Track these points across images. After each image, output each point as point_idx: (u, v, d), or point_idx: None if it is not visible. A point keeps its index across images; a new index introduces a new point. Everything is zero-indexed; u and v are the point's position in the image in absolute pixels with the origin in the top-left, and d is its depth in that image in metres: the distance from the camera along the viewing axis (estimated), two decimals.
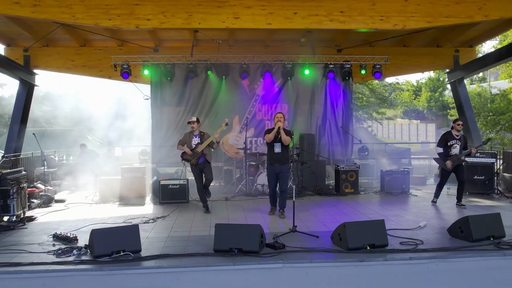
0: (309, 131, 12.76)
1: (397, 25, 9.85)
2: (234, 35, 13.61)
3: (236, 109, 12.84)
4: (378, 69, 12.72)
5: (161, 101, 12.76)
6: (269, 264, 5.21)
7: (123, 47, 13.83)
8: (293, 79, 12.88)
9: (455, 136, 8.68)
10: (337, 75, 12.90)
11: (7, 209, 7.51)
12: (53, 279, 5.08)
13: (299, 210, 8.63)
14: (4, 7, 9.18)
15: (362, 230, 5.69)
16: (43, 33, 12.41)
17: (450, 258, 5.39)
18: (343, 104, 13.08)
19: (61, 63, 13.75)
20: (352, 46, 13.86)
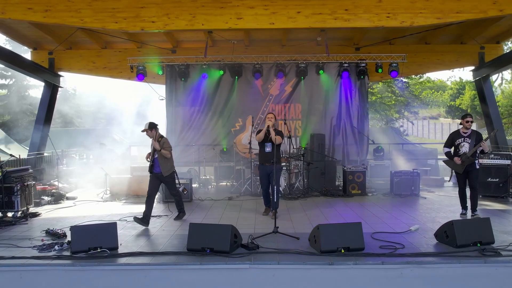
0: (323, 131, 12.61)
1: (405, 22, 9.56)
2: (250, 35, 13.65)
3: (250, 109, 12.87)
4: (394, 68, 12.40)
5: (175, 101, 13.00)
6: (235, 265, 5.21)
7: (141, 48, 14.15)
8: (307, 79, 12.77)
9: (462, 134, 7.61)
10: (352, 74, 12.69)
11: (12, 205, 7.89)
12: (30, 272, 5.29)
13: (296, 211, 8.61)
14: (19, 13, 9.64)
15: (337, 233, 5.57)
16: (64, 37, 12.91)
17: (426, 264, 5.18)
18: (358, 104, 12.84)
19: (83, 65, 14.25)
20: (370, 44, 13.57)
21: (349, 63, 12.53)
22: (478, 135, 7.51)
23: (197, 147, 12.60)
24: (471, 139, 7.45)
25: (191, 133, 12.88)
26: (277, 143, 7.85)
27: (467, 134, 7.55)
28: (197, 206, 9.27)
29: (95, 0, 9.59)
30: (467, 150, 7.44)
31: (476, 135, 7.49)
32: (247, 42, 13.91)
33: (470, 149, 7.39)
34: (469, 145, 7.43)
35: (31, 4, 9.54)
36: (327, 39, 13.94)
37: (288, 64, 12.80)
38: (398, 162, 12.35)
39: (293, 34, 13.48)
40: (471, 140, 7.45)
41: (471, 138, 7.46)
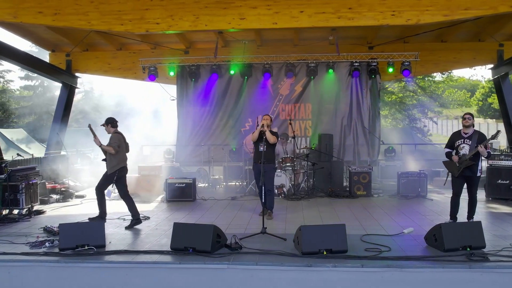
0: (333, 131, 12.48)
1: (410, 20, 9.33)
2: (261, 35, 13.65)
3: (259, 109, 12.82)
4: (407, 67, 12.15)
5: (186, 102, 13.14)
6: (213, 265, 5.22)
7: (155, 50, 14.35)
8: (317, 78, 12.68)
9: (463, 134, 6.98)
10: (363, 74, 12.51)
11: (17, 202, 8.16)
12: (18, 268, 5.46)
13: (293, 211, 8.57)
14: (30, 16, 9.94)
15: (319, 235, 5.50)
16: (80, 39, 13.23)
17: (407, 267, 5.06)
18: (369, 103, 12.64)
19: (98, 66, 14.58)
20: (383, 43, 13.33)
21: (360, 62, 12.35)
22: (480, 137, 6.83)
23: (207, 147, 12.69)
24: (472, 141, 6.82)
25: (202, 133, 12.98)
26: (271, 142, 7.81)
27: (468, 135, 6.93)
28: (198, 205, 9.34)
29: (102, 3, 9.77)
30: (467, 152, 6.82)
31: (478, 136, 6.83)
32: (259, 42, 13.91)
33: (470, 151, 6.77)
34: (469, 147, 6.81)
35: (41, 8, 9.82)
36: (339, 38, 13.79)
37: (298, 63, 12.73)
38: (411, 162, 12.08)
39: (305, 33, 13.40)
40: (472, 141, 6.82)
41: (472, 140, 6.82)
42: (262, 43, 14.12)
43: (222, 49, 14.21)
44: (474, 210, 7.04)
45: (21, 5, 9.84)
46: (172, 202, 9.63)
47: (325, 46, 13.19)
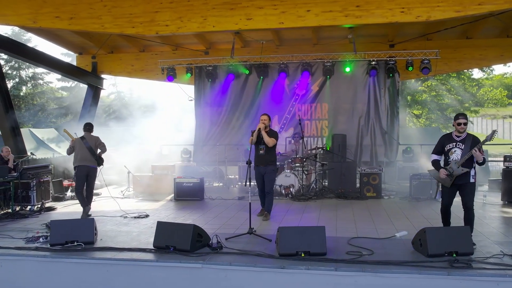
0: (350, 131, 12.30)
1: (420, 17, 9.03)
2: (280, 35, 13.63)
3: (276, 109, 12.86)
4: (426, 65, 11.80)
5: (203, 102, 13.32)
6: (189, 264, 5.27)
7: (177, 51, 14.62)
8: (334, 78, 12.52)
9: (455, 137, 6.07)
10: (381, 73, 12.23)
11: (28, 199, 8.55)
12: (9, 262, 5.73)
13: (295, 212, 8.50)
14: (48, 21, 10.37)
15: (298, 236, 5.43)
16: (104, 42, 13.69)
17: (383, 272, 4.91)
18: (387, 103, 12.34)
19: (122, 68, 15.02)
20: (405, 41, 12.96)
21: (377, 60, 12.08)
22: (474, 140, 5.94)
23: (223, 146, 12.78)
24: (465, 145, 5.93)
25: (218, 133, 13.11)
26: (270, 146, 7.78)
27: (461, 139, 6.01)
28: (203, 205, 9.45)
29: (115, 7, 10.06)
30: (458, 158, 5.96)
31: (472, 140, 5.94)
32: (277, 42, 13.89)
33: (462, 156, 5.91)
34: (461, 152, 5.94)
35: (58, 13, 10.22)
36: (359, 36, 13.58)
37: (315, 63, 12.62)
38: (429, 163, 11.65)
39: (324, 32, 13.26)
40: (465, 145, 5.93)
41: (465, 144, 5.94)
42: (281, 42, 14.09)
43: (241, 49, 14.33)
44: (472, 226, 6.00)
45: (40, 10, 10.27)
46: (180, 201, 9.79)
47: (344, 44, 13.00)
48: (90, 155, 8.38)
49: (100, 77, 15.14)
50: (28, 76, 27.87)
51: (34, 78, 28.05)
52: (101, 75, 15.16)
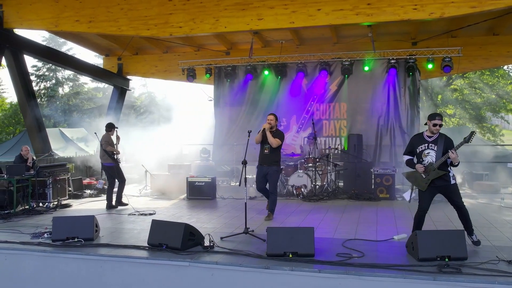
0: (369, 131, 12.10)
1: (434, 14, 8.76)
2: (300, 35, 13.59)
3: (294, 108, 12.82)
4: (447, 63, 11.43)
5: (223, 102, 13.44)
6: (176, 262, 5.36)
7: (199, 52, 14.83)
8: (353, 77, 12.35)
9: (426, 138, 5.74)
10: (401, 71, 11.95)
11: (45, 196, 8.92)
12: (13, 255, 6.01)
13: (299, 213, 8.47)
14: (68, 25, 10.76)
15: (286, 237, 5.41)
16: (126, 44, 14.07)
17: (367, 276, 4.83)
18: (408, 102, 12.05)
19: (146, 69, 15.38)
20: (427, 38, 12.62)
21: (396, 59, 11.82)
22: (447, 141, 5.65)
23: (241, 146, 12.82)
24: (437, 146, 5.63)
25: (237, 133, 13.17)
26: (274, 146, 7.78)
27: (433, 139, 5.70)
28: (212, 204, 9.57)
29: (131, 10, 10.31)
30: (433, 160, 5.63)
31: (444, 140, 5.65)
32: (297, 41, 13.84)
33: (438, 158, 5.58)
34: (435, 154, 5.62)
35: (78, 16, 10.59)
36: (381, 34, 13.38)
37: (333, 62, 12.48)
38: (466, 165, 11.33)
39: (344, 31, 13.13)
40: (437, 147, 5.62)
41: (438, 144, 5.63)
42: (301, 42, 14.04)
43: (261, 49, 14.38)
44: (470, 222, 5.80)
45: (61, 14, 10.68)
46: (192, 200, 9.94)
47: (365, 43, 12.77)
48: (103, 153, 9.11)
49: (125, 78, 15.57)
50: (64, 78, 29.03)
51: (70, 80, 29.21)
52: (126, 76, 15.58)
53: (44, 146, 11.70)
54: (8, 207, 8.33)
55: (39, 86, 28.30)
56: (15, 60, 11.19)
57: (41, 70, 28.30)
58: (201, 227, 7.11)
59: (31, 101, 11.51)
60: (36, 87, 28.35)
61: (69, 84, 29.53)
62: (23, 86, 11.40)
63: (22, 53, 11.45)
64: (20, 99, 11.62)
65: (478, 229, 6.83)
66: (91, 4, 10.49)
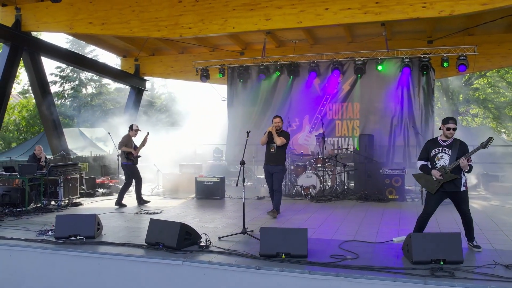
0: (383, 131, 11.92)
1: (443, 11, 8.58)
2: (314, 34, 13.54)
3: (307, 108, 12.75)
4: (462, 61, 11.18)
5: (236, 102, 13.47)
6: (170, 261, 5.42)
7: (214, 52, 14.94)
8: (366, 76, 12.20)
9: (441, 142, 5.69)
10: (415, 70, 11.73)
11: (56, 195, 9.15)
12: (17, 252, 6.20)
13: (304, 212, 8.43)
14: (82, 27, 11.01)
15: (280, 238, 5.40)
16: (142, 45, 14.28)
17: (356, 278, 4.77)
18: (422, 102, 11.82)
19: (162, 70, 15.58)
20: (444, 36, 12.36)
21: (410, 58, 11.61)
22: (462, 146, 5.58)
23: (254, 146, 12.83)
24: (452, 150, 5.57)
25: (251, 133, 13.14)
26: (279, 145, 7.84)
27: (447, 143, 5.64)
28: (219, 204, 9.63)
29: (142, 11, 10.47)
30: (446, 164, 5.56)
31: (459, 145, 5.59)
32: (311, 41, 13.78)
33: (451, 163, 5.52)
34: (449, 158, 5.56)
35: (91, 19, 10.82)
36: (396, 33, 13.22)
37: (346, 61, 12.35)
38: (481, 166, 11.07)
39: (358, 30, 13.03)
40: (452, 151, 5.56)
41: (452, 149, 5.57)
42: (315, 41, 13.98)
43: (275, 49, 14.39)
44: (472, 230, 5.75)
45: (75, 17, 10.94)
46: (201, 200, 10.03)
47: (380, 42, 12.59)
48: (121, 152, 9.56)
49: (143, 79, 15.82)
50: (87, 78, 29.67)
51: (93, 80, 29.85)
52: (143, 77, 15.82)
53: (61, 145, 12.00)
54: (21, 205, 8.57)
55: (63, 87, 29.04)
56: (32, 61, 11.52)
57: (65, 71, 28.99)
58: (202, 227, 7.20)
59: (47, 101, 11.82)
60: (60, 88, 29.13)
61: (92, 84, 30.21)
62: (40, 87, 11.73)
63: (39, 55, 11.78)
64: (37, 99, 11.97)
65: (483, 232, 6.69)
66: (104, 7, 10.70)
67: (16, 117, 23.45)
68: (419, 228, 5.82)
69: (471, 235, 5.78)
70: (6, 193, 8.69)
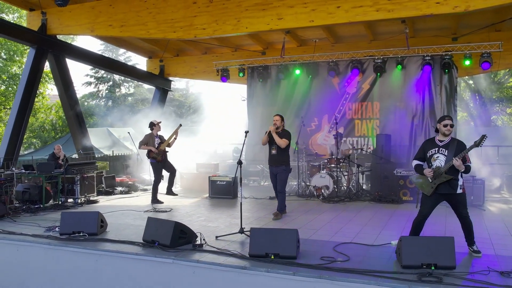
0: (403, 131, 11.65)
1: (458, 7, 8.31)
2: (334, 33, 13.40)
3: (326, 108, 12.61)
4: (486, 59, 10.74)
5: (255, 102, 13.50)
6: (161, 259, 5.51)
7: (236, 52, 15.04)
8: (386, 75, 11.96)
9: (437, 142, 5.49)
10: (437, 68, 11.37)
11: (73, 192, 9.46)
12: (24, 247, 6.47)
13: (311, 213, 8.35)
14: (103, 29, 11.35)
15: (269, 238, 5.36)
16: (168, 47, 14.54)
17: (339, 281, 4.69)
18: (444, 101, 11.44)
19: (186, 70, 15.82)
20: (469, 33, 11.93)
21: (432, 56, 11.26)
22: (459, 146, 5.33)
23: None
24: (448, 150, 5.34)
25: None
26: (282, 147, 7.77)
27: (444, 143, 5.42)
28: (231, 203, 9.65)
29: (159, 13, 10.69)
30: (442, 165, 5.36)
31: (457, 145, 5.35)
32: (332, 39, 13.64)
33: (446, 163, 5.30)
34: (445, 158, 5.33)
35: (111, 21, 11.14)
36: (420, 30, 12.93)
37: (366, 60, 12.12)
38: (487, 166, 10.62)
39: (380, 28, 12.82)
40: (448, 151, 5.33)
41: (449, 149, 5.34)
42: (336, 40, 13.84)
43: (297, 48, 14.33)
44: (472, 234, 5.52)
45: (96, 20, 11.29)
46: (213, 199, 10.11)
47: (403, 40, 12.25)
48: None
49: (167, 79, 16.12)
50: (120, 79, 30.50)
51: (126, 81, 30.67)
52: (168, 77, 16.11)
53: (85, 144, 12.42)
54: (39, 202, 8.92)
55: (97, 88, 30.00)
56: (57, 63, 11.97)
57: (99, 73, 29.93)
58: (205, 226, 7.27)
59: (72, 101, 12.27)
60: (95, 89, 30.08)
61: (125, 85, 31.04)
62: (65, 88, 12.18)
63: (64, 57, 12.22)
64: (62, 99, 12.43)
65: (491, 237, 6.43)
66: (122, 9, 10.98)
67: (53, 117, 24.42)
68: (415, 231, 5.66)
69: (471, 239, 5.56)
70: (26, 190, 9.04)
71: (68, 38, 25.21)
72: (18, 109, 11.00)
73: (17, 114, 10.96)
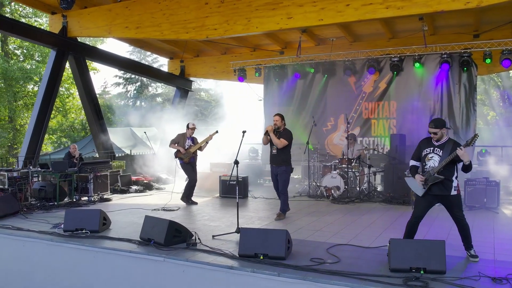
0: (420, 131, 11.21)
1: (470, 3, 8.04)
2: (352, 31, 13.25)
3: (342, 107, 12.43)
4: (507, 56, 10.35)
5: (272, 102, 13.47)
6: (152, 256, 5.60)
7: (254, 52, 15.06)
8: (403, 74, 11.70)
9: (434, 142, 5.31)
10: (455, 66, 11.03)
11: (87, 191, 9.72)
12: (30, 242, 6.70)
13: (315, 214, 8.27)
14: (119, 31, 11.60)
15: (259, 238, 5.35)
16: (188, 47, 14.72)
17: (321, 283, 4.63)
18: (463, 100, 11.09)
19: (205, 70, 15.97)
20: (491, 29, 11.55)
21: (450, 53, 10.92)
22: (455, 147, 5.12)
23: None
24: (443, 151, 5.18)
25: None
26: (279, 147, 7.72)
27: (440, 144, 5.27)
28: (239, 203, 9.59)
29: (172, 14, 10.83)
30: (435, 165, 5.21)
31: (452, 145, 5.18)
32: (350, 38, 13.47)
33: (441, 162, 5.14)
34: (439, 159, 5.20)
35: (127, 23, 11.37)
36: (440, 27, 12.64)
37: (383, 59, 11.89)
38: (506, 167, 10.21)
39: (398, 25, 12.59)
40: (443, 152, 5.17)
41: (444, 150, 5.19)
42: (354, 39, 13.66)
43: (314, 47, 14.22)
44: (470, 237, 5.31)
45: (113, 22, 11.55)
46: (223, 198, 10.17)
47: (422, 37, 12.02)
48: None
49: (188, 79, 16.31)
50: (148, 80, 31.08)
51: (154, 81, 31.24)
52: (188, 77, 16.30)
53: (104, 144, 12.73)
54: (53, 199, 9.21)
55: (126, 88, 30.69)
56: (77, 65, 12.31)
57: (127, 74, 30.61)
58: (205, 225, 7.34)
59: (92, 102, 12.59)
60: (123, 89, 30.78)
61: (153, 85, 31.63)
62: (85, 88, 12.51)
63: (84, 59, 12.56)
64: (83, 100, 12.78)
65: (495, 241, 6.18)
66: (138, 11, 11.19)
67: (83, 117, 25.13)
68: (409, 234, 5.51)
69: (469, 243, 5.36)
70: (42, 188, 9.35)
71: (98, 41, 25.97)
72: (39, 110, 11.38)
73: (38, 115, 11.34)
